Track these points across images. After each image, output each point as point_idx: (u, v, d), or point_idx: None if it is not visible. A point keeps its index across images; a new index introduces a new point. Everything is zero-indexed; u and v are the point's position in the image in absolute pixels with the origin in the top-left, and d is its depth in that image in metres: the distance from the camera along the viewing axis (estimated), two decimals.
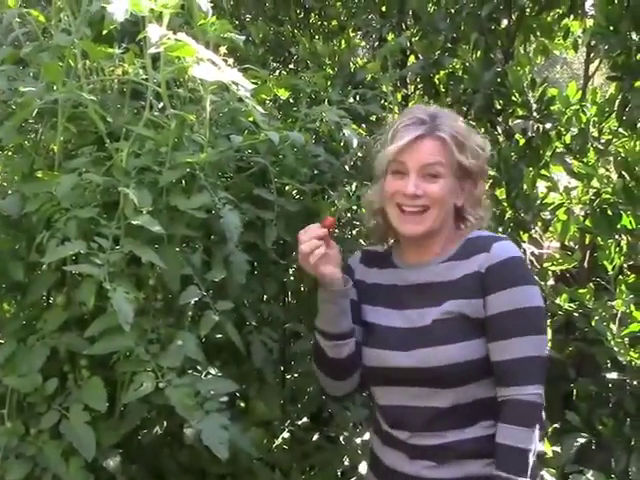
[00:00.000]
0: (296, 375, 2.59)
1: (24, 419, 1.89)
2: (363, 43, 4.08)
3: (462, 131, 1.79)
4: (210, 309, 1.91)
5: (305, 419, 2.66)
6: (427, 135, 1.76)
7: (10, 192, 2.00)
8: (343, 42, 3.58)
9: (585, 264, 3.28)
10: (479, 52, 3.10)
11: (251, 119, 2.21)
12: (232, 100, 2.09)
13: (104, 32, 1.77)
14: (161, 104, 1.93)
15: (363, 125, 2.95)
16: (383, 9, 3.41)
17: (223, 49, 1.82)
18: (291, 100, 2.90)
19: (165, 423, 2.22)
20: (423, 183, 1.76)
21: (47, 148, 2.09)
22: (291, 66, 3.66)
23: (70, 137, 2.07)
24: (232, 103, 2.09)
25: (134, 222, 1.73)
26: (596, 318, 2.83)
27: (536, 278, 1.97)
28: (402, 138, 1.76)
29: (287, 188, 2.37)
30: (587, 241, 3.27)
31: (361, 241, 3.09)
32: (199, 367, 1.94)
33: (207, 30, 1.79)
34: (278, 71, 3.63)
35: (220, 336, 2.03)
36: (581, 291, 2.87)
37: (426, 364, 1.73)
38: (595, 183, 3.02)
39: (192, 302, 1.90)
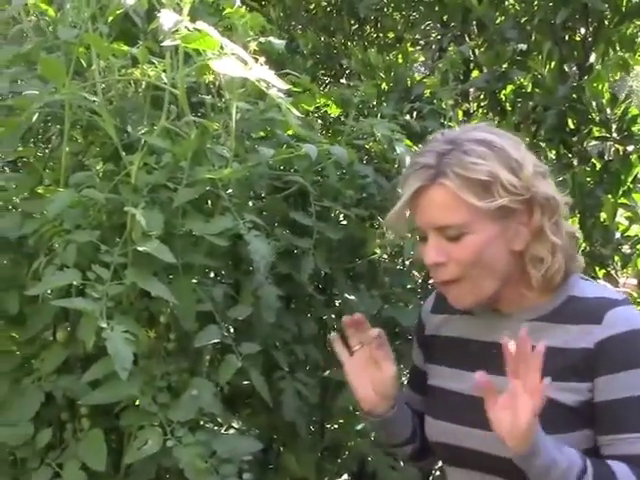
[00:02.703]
0: (336, 426, 2.28)
1: (14, 474, 1.66)
2: (422, 58, 3.80)
3: (480, 163, 1.30)
4: (232, 352, 1.64)
5: (345, 477, 2.34)
6: (430, 185, 1.32)
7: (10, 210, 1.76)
8: (400, 55, 3.29)
9: None
10: (552, 64, 2.78)
11: (290, 132, 1.94)
12: (268, 109, 1.82)
13: (109, 20, 1.50)
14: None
15: (420, 145, 2.67)
16: (444, 18, 3.11)
17: (253, 45, 1.53)
18: (342, 117, 2.63)
19: None
20: (449, 245, 1.34)
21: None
22: (343, 80, 3.39)
23: (81, 149, 1.83)
24: (268, 112, 1.81)
25: (140, 249, 1.45)
26: None
27: None
28: (403, 194, 1.36)
29: (331, 213, 2.09)
30: None
31: (415, 273, 2.82)
32: (219, 419, 1.67)
33: (235, 23, 1.50)
34: (329, 85, 3.37)
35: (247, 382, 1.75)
36: None
37: (505, 453, 1.28)
38: None
39: (211, 344, 1.62)
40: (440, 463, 1.67)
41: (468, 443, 1.41)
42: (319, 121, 2.94)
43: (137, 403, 1.60)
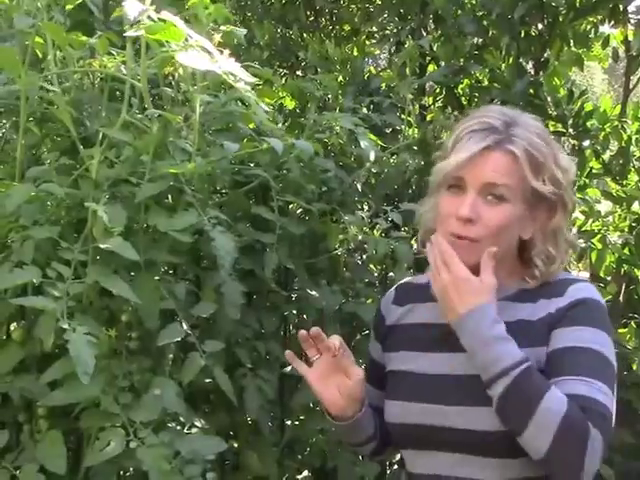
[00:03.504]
0: (297, 423, 2.25)
1: None
2: (378, 51, 3.78)
3: (542, 148, 1.40)
4: (196, 350, 1.60)
5: (306, 473, 2.32)
6: (496, 147, 1.39)
7: None
8: (356, 48, 3.27)
9: (621, 298, 2.96)
10: (509, 59, 2.78)
11: (252, 125, 1.91)
12: (230, 101, 1.78)
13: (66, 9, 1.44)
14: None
15: (378, 138, 2.66)
16: (402, 11, 3.09)
17: (218, 37, 1.49)
18: (298, 110, 2.60)
19: None
20: (483, 206, 1.39)
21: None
22: (299, 72, 3.35)
23: (37, 142, 1.77)
24: (229, 105, 1.77)
25: (102, 246, 1.40)
26: (636, 360, 2.52)
27: None
28: (464, 149, 1.40)
29: (291, 207, 2.08)
30: (623, 272, 2.95)
31: (372, 267, 2.81)
32: (181, 418, 1.63)
33: (199, 14, 1.46)
34: (285, 77, 3.33)
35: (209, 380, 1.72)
36: (620, 330, 2.55)
37: (475, 426, 1.35)
38: (636, 208, 2.71)
39: (173, 342, 1.59)
40: (398, 457, 1.67)
41: (431, 420, 1.40)
42: (274, 112, 2.91)
43: (98, 403, 1.55)
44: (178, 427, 1.62)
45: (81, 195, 1.51)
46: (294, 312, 2.15)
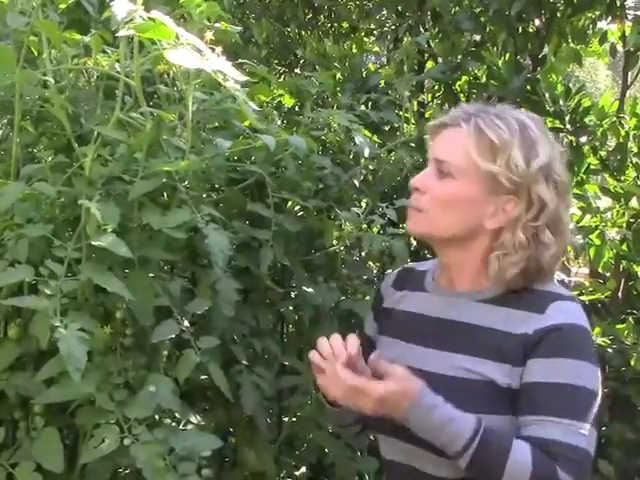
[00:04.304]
0: (294, 419, 2.25)
1: None
2: (376, 48, 3.78)
3: (503, 132, 1.36)
4: (191, 347, 1.60)
5: (303, 469, 2.32)
6: (450, 125, 1.41)
7: None
8: (354, 45, 3.27)
9: (619, 294, 2.95)
10: (507, 55, 2.78)
11: (247, 123, 1.91)
12: (224, 99, 1.79)
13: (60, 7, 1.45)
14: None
15: (375, 135, 2.66)
16: (399, 8, 3.09)
17: (209, 35, 1.49)
18: (296, 108, 2.61)
19: None
20: (434, 179, 1.41)
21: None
22: (297, 70, 3.35)
23: (32, 140, 1.77)
24: (224, 102, 1.77)
25: (95, 243, 1.41)
26: (635, 356, 2.52)
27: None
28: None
29: (288, 204, 2.07)
30: (622, 268, 2.95)
31: (371, 264, 2.81)
32: (177, 415, 1.64)
33: (191, 12, 1.46)
34: (283, 75, 3.33)
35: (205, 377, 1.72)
36: (619, 326, 2.55)
37: None
38: (634, 203, 2.70)
39: (168, 339, 1.59)
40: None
41: None
42: (274, 112, 2.91)
43: (94, 400, 1.56)
44: (174, 424, 1.63)
45: (74, 193, 1.52)
46: (290, 309, 2.15)
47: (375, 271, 2.89)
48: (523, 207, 1.37)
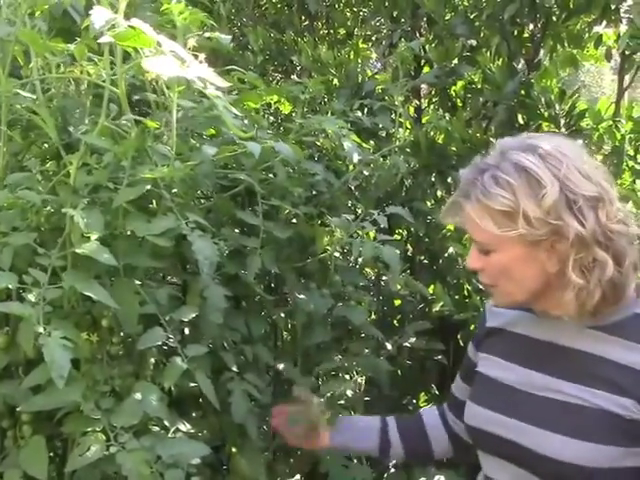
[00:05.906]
0: None
1: None
2: (374, 55, 3.78)
3: (504, 196, 1.31)
4: (178, 355, 1.59)
5: (297, 477, 2.31)
6: (463, 201, 1.39)
7: None
8: (351, 51, 3.27)
9: None
10: (501, 60, 2.77)
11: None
12: (212, 106, 1.78)
13: (47, 16, 1.45)
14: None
15: (371, 141, 2.65)
16: (394, 14, 3.09)
17: (192, 42, 1.49)
18: (293, 114, 2.60)
19: None
20: (481, 257, 1.41)
21: None
22: (294, 77, 3.35)
23: (20, 149, 1.78)
24: (211, 110, 1.77)
25: (78, 251, 1.41)
26: None
27: None
28: None
29: (279, 211, 2.05)
30: None
31: (368, 270, 2.79)
32: (166, 423, 1.63)
33: (174, 19, 1.46)
34: (279, 82, 3.33)
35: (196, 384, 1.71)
36: None
37: (542, 450, 1.36)
38: (630, 207, 2.68)
39: (155, 346, 1.59)
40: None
41: (506, 433, 1.42)
42: (271, 118, 2.90)
43: (80, 409, 1.55)
44: (163, 432, 1.63)
45: (60, 201, 1.52)
46: (282, 316, 2.14)
47: (373, 277, 2.88)
48: (565, 244, 1.31)
